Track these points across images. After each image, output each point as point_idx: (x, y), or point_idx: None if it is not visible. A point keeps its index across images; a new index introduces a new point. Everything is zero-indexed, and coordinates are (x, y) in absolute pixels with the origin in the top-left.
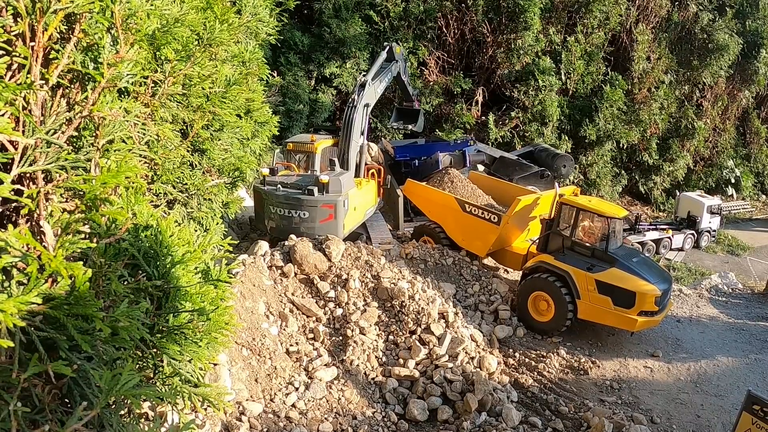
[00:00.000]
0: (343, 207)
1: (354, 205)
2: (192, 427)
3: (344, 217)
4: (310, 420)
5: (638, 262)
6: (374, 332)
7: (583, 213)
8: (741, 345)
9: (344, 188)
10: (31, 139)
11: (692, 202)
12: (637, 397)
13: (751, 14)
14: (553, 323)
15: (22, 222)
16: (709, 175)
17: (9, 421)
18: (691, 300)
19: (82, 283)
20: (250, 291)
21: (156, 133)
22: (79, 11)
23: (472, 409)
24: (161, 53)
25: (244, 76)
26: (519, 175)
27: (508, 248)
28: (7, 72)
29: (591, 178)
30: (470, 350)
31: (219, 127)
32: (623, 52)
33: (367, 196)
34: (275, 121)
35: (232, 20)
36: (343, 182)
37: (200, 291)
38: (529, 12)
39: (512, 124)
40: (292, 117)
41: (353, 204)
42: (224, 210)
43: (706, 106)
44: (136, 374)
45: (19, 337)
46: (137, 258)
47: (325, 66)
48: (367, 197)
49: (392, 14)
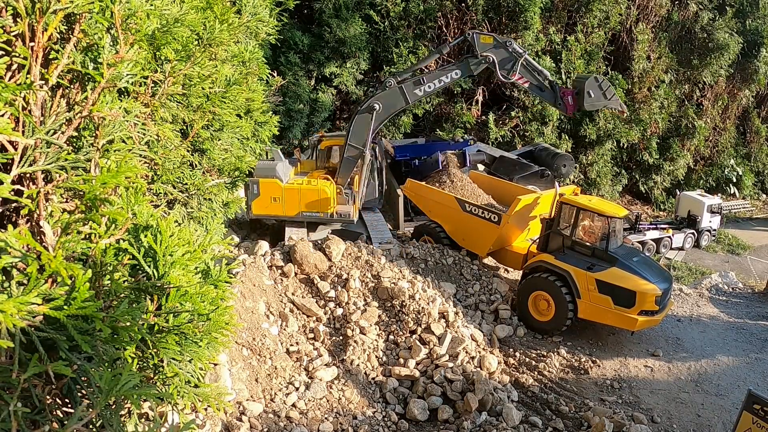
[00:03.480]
0: (253, 191)
1: (274, 195)
2: (192, 427)
3: (251, 200)
4: (310, 420)
5: (638, 262)
6: (374, 332)
7: (584, 212)
8: (741, 344)
9: (257, 174)
10: (31, 139)
11: (692, 201)
12: (637, 397)
13: (751, 13)
14: (554, 323)
15: (22, 222)
16: (710, 174)
17: (9, 422)
18: (692, 299)
19: (82, 283)
20: (251, 291)
21: (156, 133)
22: (78, 11)
23: (472, 409)
24: (161, 53)
25: (244, 76)
26: (519, 174)
27: (508, 248)
28: (6, 72)
29: (591, 178)
30: (470, 350)
31: (219, 127)
32: (623, 52)
33: (308, 196)
34: (275, 120)
35: (232, 20)
36: (259, 168)
37: (200, 291)
38: (529, 11)
39: (512, 124)
40: (292, 117)
41: (271, 194)
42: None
43: (707, 106)
44: (136, 374)
45: (19, 337)
46: (137, 258)
47: (325, 66)
48: (307, 196)
49: (392, 14)
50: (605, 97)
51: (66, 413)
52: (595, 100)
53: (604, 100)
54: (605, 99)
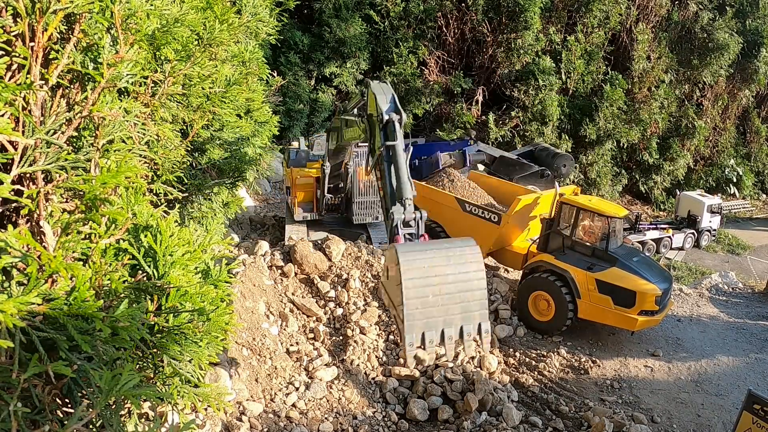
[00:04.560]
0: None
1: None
2: (192, 427)
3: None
4: (310, 420)
5: (638, 262)
6: (374, 332)
7: (584, 212)
8: (741, 344)
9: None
10: (30, 139)
11: (692, 201)
12: (637, 397)
13: (751, 13)
14: (554, 323)
15: (22, 222)
16: (710, 174)
17: (9, 422)
18: (692, 299)
19: (82, 283)
20: (251, 291)
21: (156, 133)
22: (78, 11)
23: (472, 409)
24: (161, 53)
25: (244, 76)
26: (519, 174)
27: (508, 248)
28: (6, 72)
29: (591, 178)
30: (471, 350)
31: (219, 127)
32: (623, 52)
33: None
34: (275, 120)
35: (232, 20)
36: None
37: (200, 291)
38: (529, 11)
39: (512, 124)
40: (292, 116)
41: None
42: (224, 210)
43: (707, 106)
44: (136, 374)
45: (19, 337)
46: (137, 258)
47: (325, 65)
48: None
49: (392, 14)
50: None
51: (66, 413)
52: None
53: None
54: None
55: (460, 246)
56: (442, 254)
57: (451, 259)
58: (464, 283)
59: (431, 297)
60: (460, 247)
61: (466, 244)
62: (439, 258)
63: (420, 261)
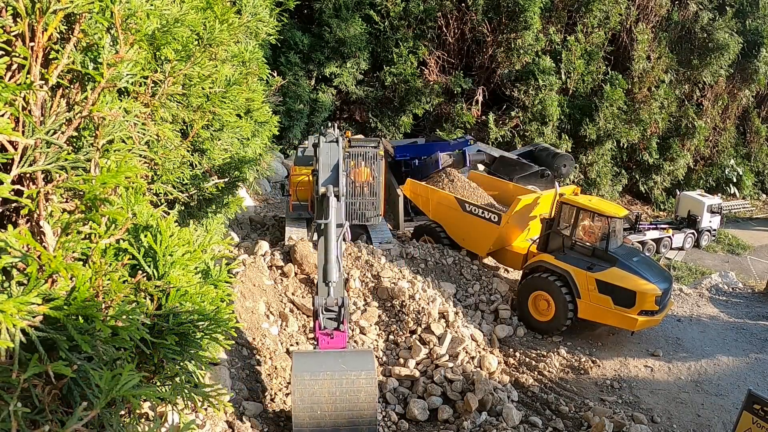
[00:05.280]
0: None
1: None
2: (192, 427)
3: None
4: None
5: (638, 262)
6: (374, 332)
7: (584, 212)
8: (741, 344)
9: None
10: (30, 139)
11: (692, 201)
12: (637, 397)
13: (751, 13)
14: (554, 323)
15: (22, 222)
16: (710, 174)
17: (9, 422)
18: (692, 299)
19: (82, 283)
20: (251, 291)
21: (156, 133)
22: (78, 11)
23: (472, 409)
24: (161, 53)
25: (244, 76)
26: (519, 174)
27: (508, 248)
28: (6, 72)
29: (591, 178)
30: (470, 350)
31: (219, 127)
32: (623, 52)
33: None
34: (275, 120)
35: (232, 20)
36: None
37: (200, 291)
38: (529, 11)
39: (512, 124)
40: (292, 116)
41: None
42: (224, 210)
43: (707, 106)
44: (136, 374)
45: (19, 337)
46: (137, 258)
47: (325, 65)
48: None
49: (392, 14)
50: None
51: (66, 413)
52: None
53: None
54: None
55: (355, 370)
56: (336, 378)
57: (343, 383)
58: (354, 404)
59: (319, 412)
60: (355, 370)
61: (362, 368)
62: (332, 381)
63: (311, 382)
